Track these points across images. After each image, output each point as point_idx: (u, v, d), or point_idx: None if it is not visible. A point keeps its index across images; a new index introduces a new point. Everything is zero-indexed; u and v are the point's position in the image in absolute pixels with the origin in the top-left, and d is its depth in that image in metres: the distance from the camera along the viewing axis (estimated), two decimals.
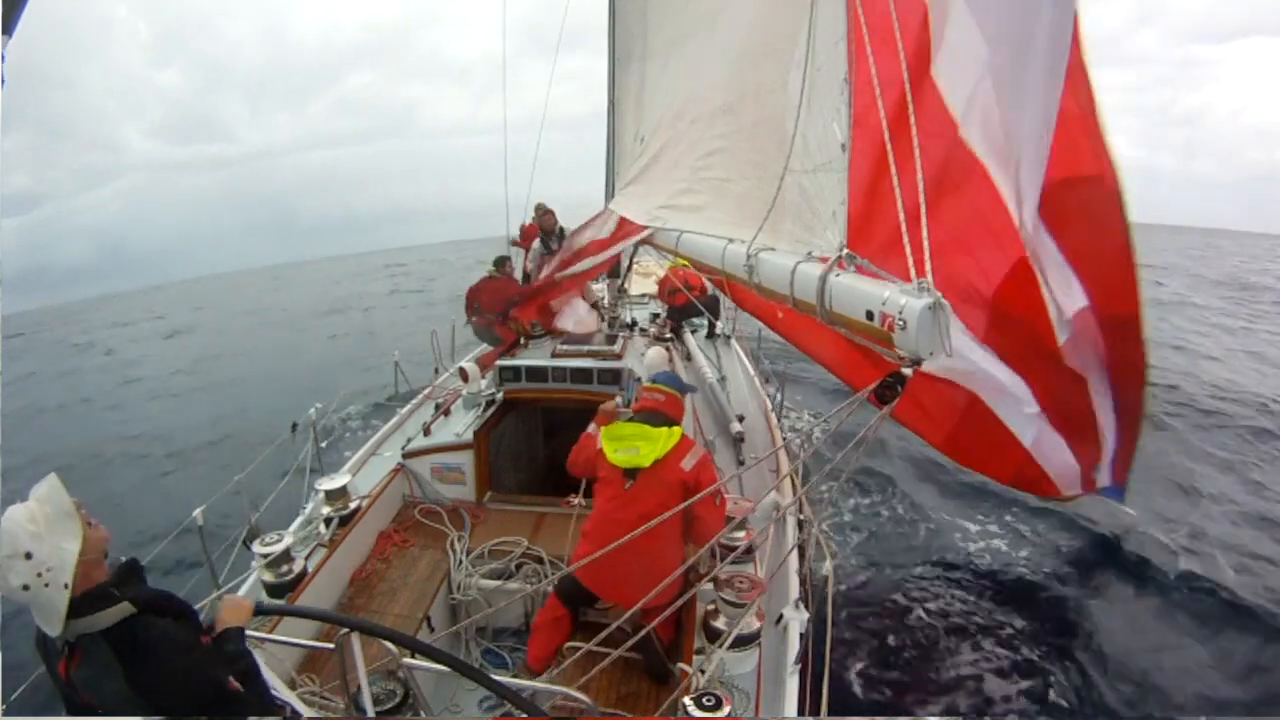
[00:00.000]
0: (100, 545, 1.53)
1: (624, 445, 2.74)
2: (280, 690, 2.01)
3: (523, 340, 5.71)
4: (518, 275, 7.06)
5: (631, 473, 2.70)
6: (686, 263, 4.52)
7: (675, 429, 2.80)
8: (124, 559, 1.63)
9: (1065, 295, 3.00)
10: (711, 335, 7.42)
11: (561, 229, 6.86)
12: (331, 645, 2.15)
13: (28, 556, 1.41)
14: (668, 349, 5.81)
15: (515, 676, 2.94)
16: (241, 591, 3.20)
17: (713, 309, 6.93)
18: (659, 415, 2.84)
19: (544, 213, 7.04)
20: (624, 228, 4.93)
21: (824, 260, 2.12)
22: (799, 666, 2.61)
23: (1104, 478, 4.14)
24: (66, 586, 1.43)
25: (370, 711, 2.09)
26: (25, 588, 1.40)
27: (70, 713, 1.52)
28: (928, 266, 1.69)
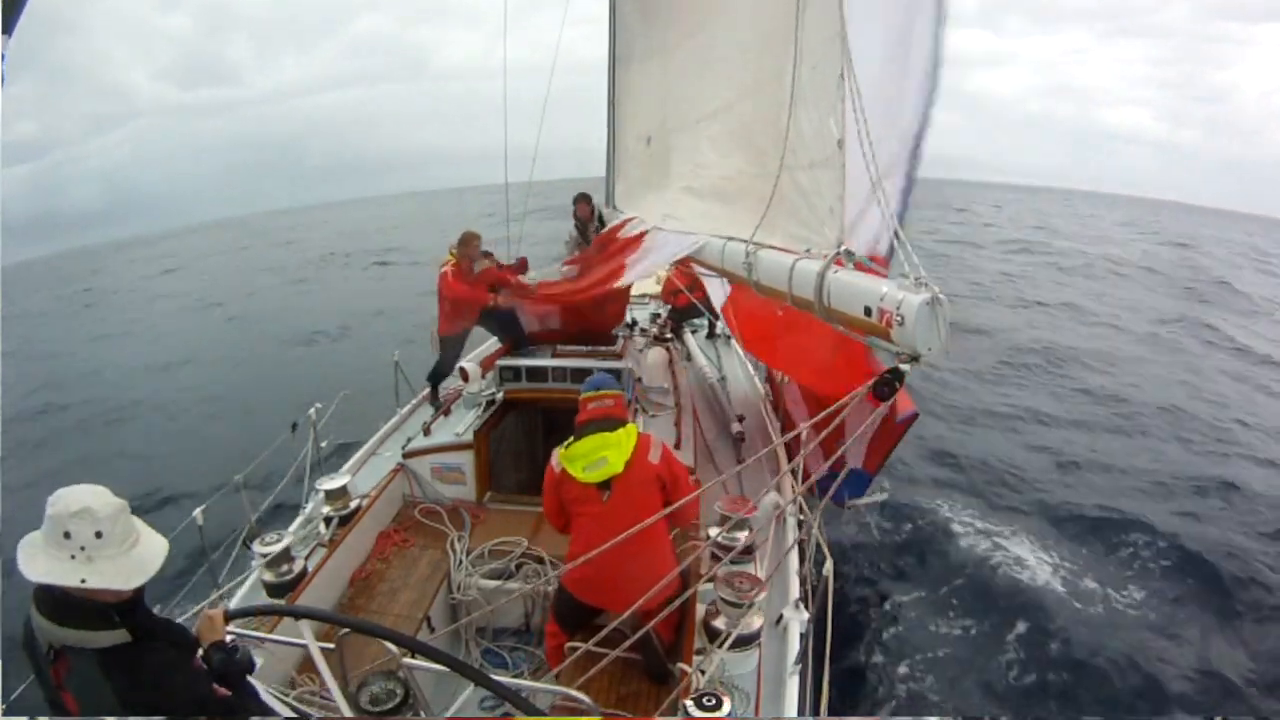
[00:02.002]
0: (121, 598, 1.51)
1: (589, 460, 2.62)
2: (270, 699, 2.00)
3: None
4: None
5: (606, 484, 2.61)
6: None
7: (630, 427, 2.71)
8: None
9: None
10: (712, 335, 7.40)
11: (601, 217, 6.26)
12: (331, 645, 2.15)
13: (98, 535, 1.42)
14: (667, 349, 5.81)
15: (516, 676, 2.94)
16: (242, 592, 3.21)
17: (713, 309, 6.90)
18: (611, 420, 2.72)
19: (578, 200, 6.42)
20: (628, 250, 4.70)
21: (823, 256, 2.12)
22: (799, 666, 2.60)
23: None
24: (83, 582, 1.41)
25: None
26: (67, 535, 1.40)
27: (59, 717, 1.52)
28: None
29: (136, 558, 1.50)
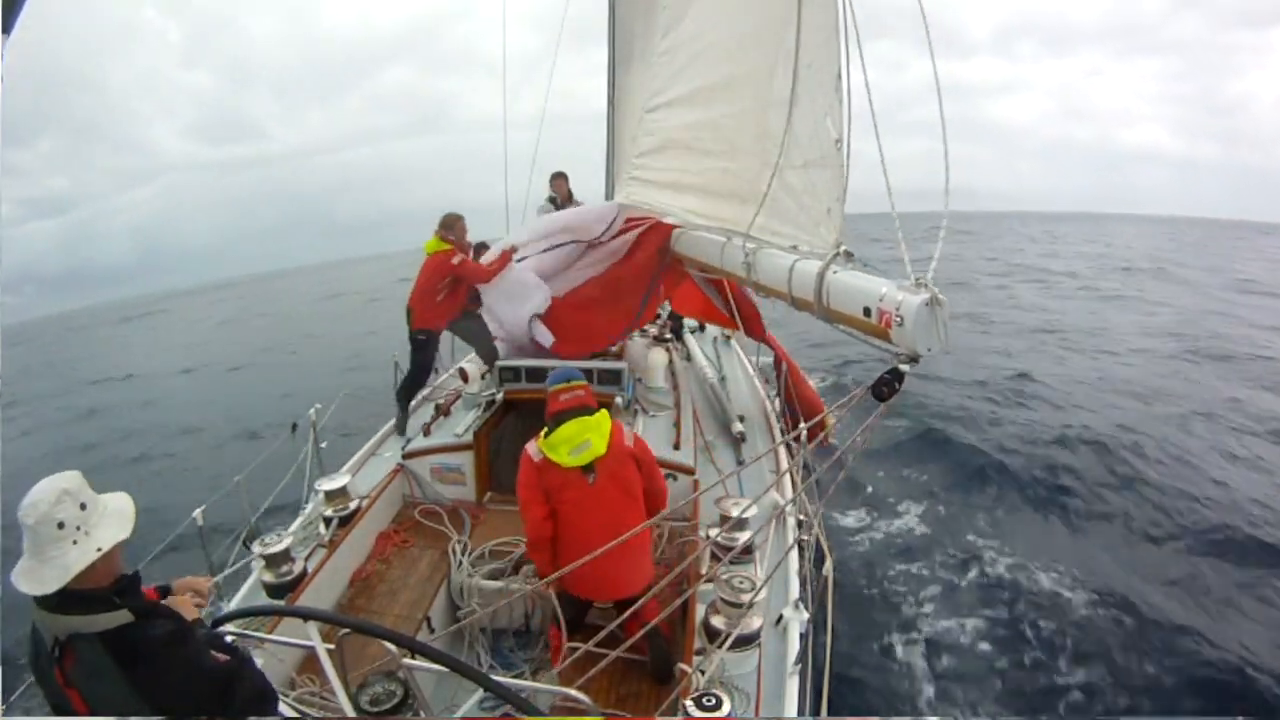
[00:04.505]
0: (115, 569, 1.53)
1: (573, 445, 2.71)
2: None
3: None
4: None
5: (589, 467, 2.71)
6: None
7: (603, 412, 2.83)
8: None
9: None
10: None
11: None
12: (331, 646, 2.15)
13: (82, 507, 1.47)
14: (667, 349, 5.81)
15: (516, 677, 2.94)
16: (242, 592, 3.21)
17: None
18: (586, 407, 2.82)
19: (555, 178, 6.41)
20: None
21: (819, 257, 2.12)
22: (799, 666, 2.60)
23: None
24: (99, 551, 1.45)
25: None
26: (60, 525, 1.43)
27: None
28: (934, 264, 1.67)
29: (116, 510, 1.56)
